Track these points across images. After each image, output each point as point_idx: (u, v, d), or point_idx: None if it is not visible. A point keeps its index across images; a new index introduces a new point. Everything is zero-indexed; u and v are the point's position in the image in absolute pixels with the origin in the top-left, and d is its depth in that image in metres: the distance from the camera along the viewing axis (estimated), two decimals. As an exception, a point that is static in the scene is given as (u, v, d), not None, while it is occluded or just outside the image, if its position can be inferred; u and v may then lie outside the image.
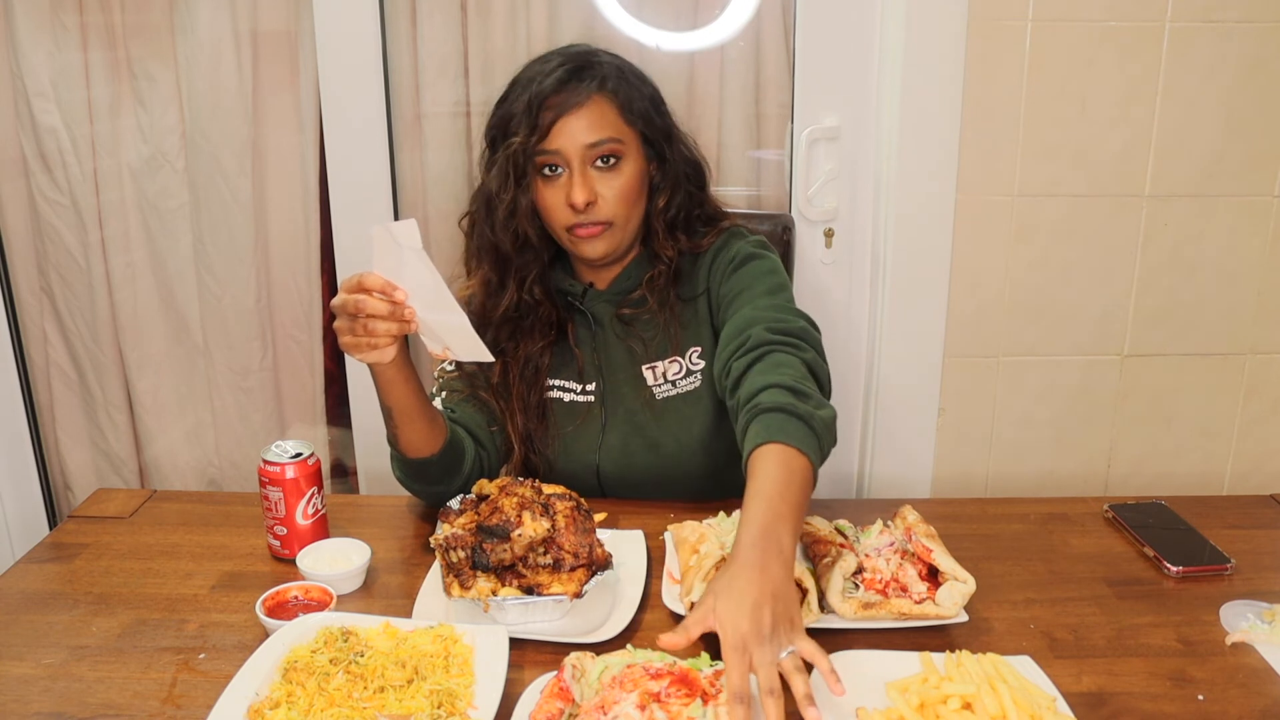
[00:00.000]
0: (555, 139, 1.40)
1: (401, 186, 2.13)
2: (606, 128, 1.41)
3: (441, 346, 1.29)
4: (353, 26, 1.99)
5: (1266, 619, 1.17)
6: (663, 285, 1.50)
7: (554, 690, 1.01)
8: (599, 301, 1.54)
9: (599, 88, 1.42)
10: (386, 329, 1.23)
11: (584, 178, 1.41)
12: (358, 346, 1.25)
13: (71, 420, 2.36)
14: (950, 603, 1.15)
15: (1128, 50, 1.88)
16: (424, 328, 1.26)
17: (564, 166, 1.42)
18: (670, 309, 1.50)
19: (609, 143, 1.41)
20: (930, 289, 2.00)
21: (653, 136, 1.47)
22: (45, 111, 2.13)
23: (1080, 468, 2.12)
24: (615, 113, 1.43)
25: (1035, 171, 1.94)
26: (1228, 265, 2.00)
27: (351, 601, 1.26)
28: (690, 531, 1.28)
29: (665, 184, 1.50)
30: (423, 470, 1.41)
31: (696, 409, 1.50)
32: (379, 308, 1.22)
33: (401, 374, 1.31)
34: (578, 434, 1.53)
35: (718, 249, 1.52)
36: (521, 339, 1.52)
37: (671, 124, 1.51)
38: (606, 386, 1.53)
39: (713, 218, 1.56)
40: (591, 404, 1.53)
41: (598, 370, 1.54)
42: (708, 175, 1.56)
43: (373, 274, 1.21)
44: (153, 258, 2.25)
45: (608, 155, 1.42)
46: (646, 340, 1.51)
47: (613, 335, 1.53)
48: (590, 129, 1.40)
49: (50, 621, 1.22)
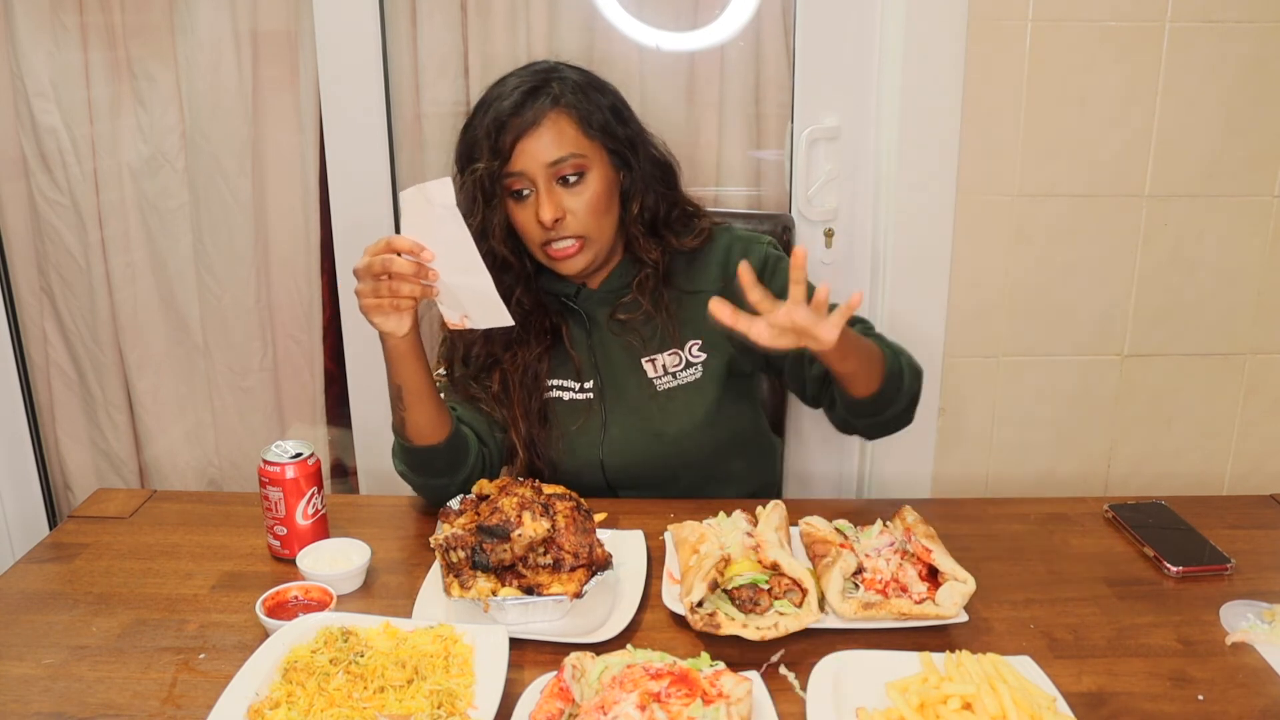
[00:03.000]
0: (518, 161, 1.42)
1: (401, 186, 2.12)
2: (566, 144, 1.42)
3: (459, 315, 1.32)
4: (353, 26, 1.99)
5: (1266, 619, 1.17)
6: (653, 287, 1.52)
7: (554, 690, 1.01)
8: (592, 301, 1.55)
9: (554, 104, 1.42)
10: (411, 290, 1.27)
11: (550, 195, 1.42)
12: (379, 308, 1.29)
13: (71, 420, 2.36)
14: (950, 603, 1.15)
15: (1128, 50, 1.88)
16: (445, 294, 1.29)
17: (530, 188, 1.43)
18: (665, 308, 1.51)
19: (571, 159, 1.42)
20: (930, 289, 2.00)
21: (616, 146, 1.48)
22: (45, 111, 2.13)
23: (1080, 468, 2.12)
24: (574, 128, 1.43)
25: (1035, 171, 1.94)
26: (1228, 265, 2.00)
27: (351, 601, 1.26)
28: (690, 531, 1.28)
29: (635, 190, 1.51)
30: (428, 460, 1.41)
31: (698, 397, 1.51)
32: (406, 267, 1.26)
33: (413, 350, 1.34)
34: (580, 432, 1.53)
35: (728, 249, 1.53)
36: (518, 348, 1.52)
37: (635, 130, 1.52)
38: (605, 382, 1.54)
39: (691, 215, 1.57)
40: (591, 401, 1.54)
41: (595, 368, 1.55)
42: (677, 173, 1.57)
43: (401, 236, 1.26)
44: (153, 258, 2.24)
45: (572, 172, 1.43)
46: (644, 336, 1.52)
47: (609, 333, 1.55)
48: (550, 147, 1.41)
49: (50, 621, 1.22)
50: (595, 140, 1.45)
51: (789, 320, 1.18)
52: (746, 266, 1.20)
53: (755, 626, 1.13)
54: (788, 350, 1.23)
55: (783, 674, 1.10)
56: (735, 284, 1.50)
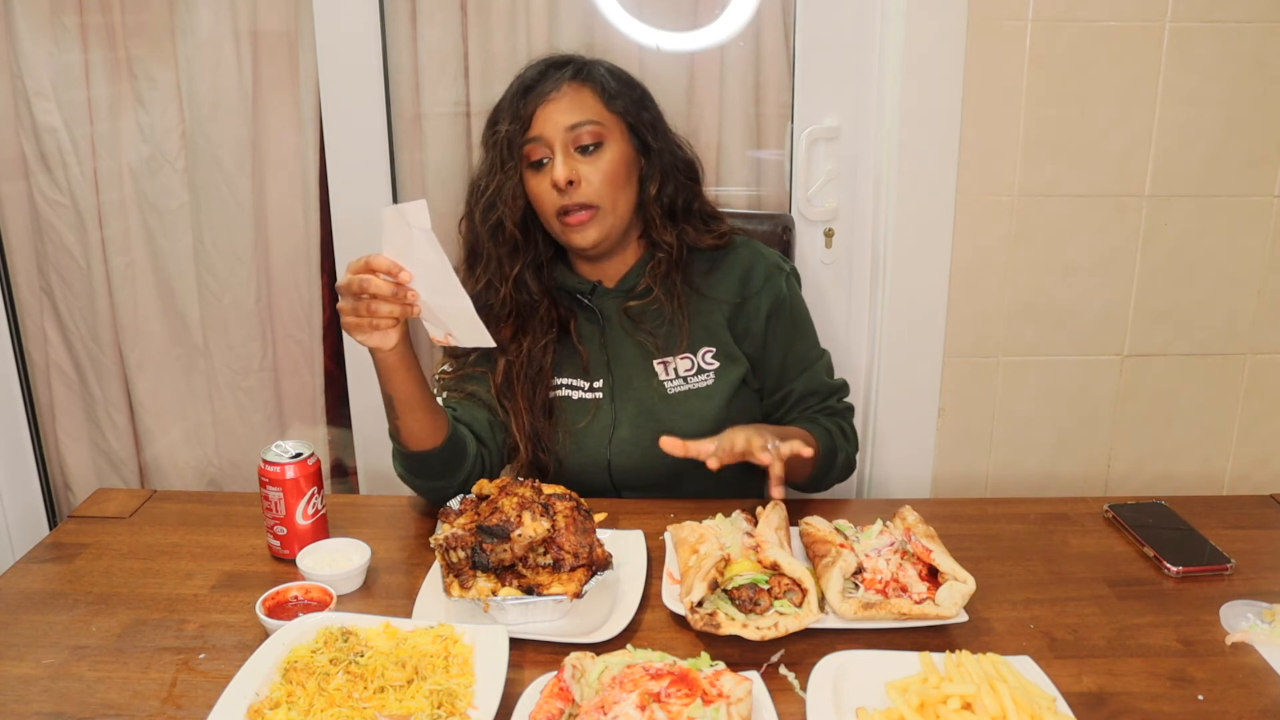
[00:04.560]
0: (537, 125, 1.45)
1: (401, 187, 2.13)
2: (586, 110, 1.46)
3: (444, 332, 1.30)
4: (353, 26, 1.99)
5: (1266, 619, 1.17)
6: (665, 272, 1.52)
7: (554, 690, 1.01)
8: (607, 299, 1.55)
9: (576, 75, 1.47)
10: (389, 311, 1.25)
11: (566, 158, 1.45)
12: (360, 327, 1.28)
13: (71, 420, 2.36)
14: (950, 603, 1.15)
15: (1128, 50, 1.88)
16: (427, 312, 1.27)
17: (549, 156, 1.45)
18: (677, 300, 1.51)
19: (589, 124, 1.45)
20: (930, 289, 2.00)
21: (636, 125, 1.50)
22: (45, 111, 2.13)
23: (1080, 468, 2.12)
24: (595, 98, 1.47)
25: (1035, 171, 1.94)
26: (1228, 265, 2.00)
27: (351, 601, 1.26)
28: (690, 531, 1.28)
29: (654, 173, 1.52)
30: (425, 464, 1.41)
31: (709, 403, 1.51)
32: (383, 288, 1.24)
33: (403, 362, 1.32)
34: (588, 430, 1.53)
35: (750, 265, 1.55)
36: (523, 337, 1.52)
37: (659, 117, 1.55)
38: (616, 382, 1.53)
39: (711, 215, 1.58)
40: (600, 400, 1.54)
41: (606, 366, 1.54)
42: (700, 172, 1.59)
43: (380, 255, 1.24)
44: (153, 258, 2.25)
45: (590, 141, 1.45)
46: (656, 334, 1.52)
47: (621, 331, 1.54)
48: (569, 112, 1.45)
49: (50, 621, 1.22)
50: (615, 114, 1.48)
51: (732, 453, 1.30)
52: (672, 442, 1.29)
53: (755, 626, 1.13)
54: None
55: (783, 674, 1.10)
56: (755, 306, 1.53)
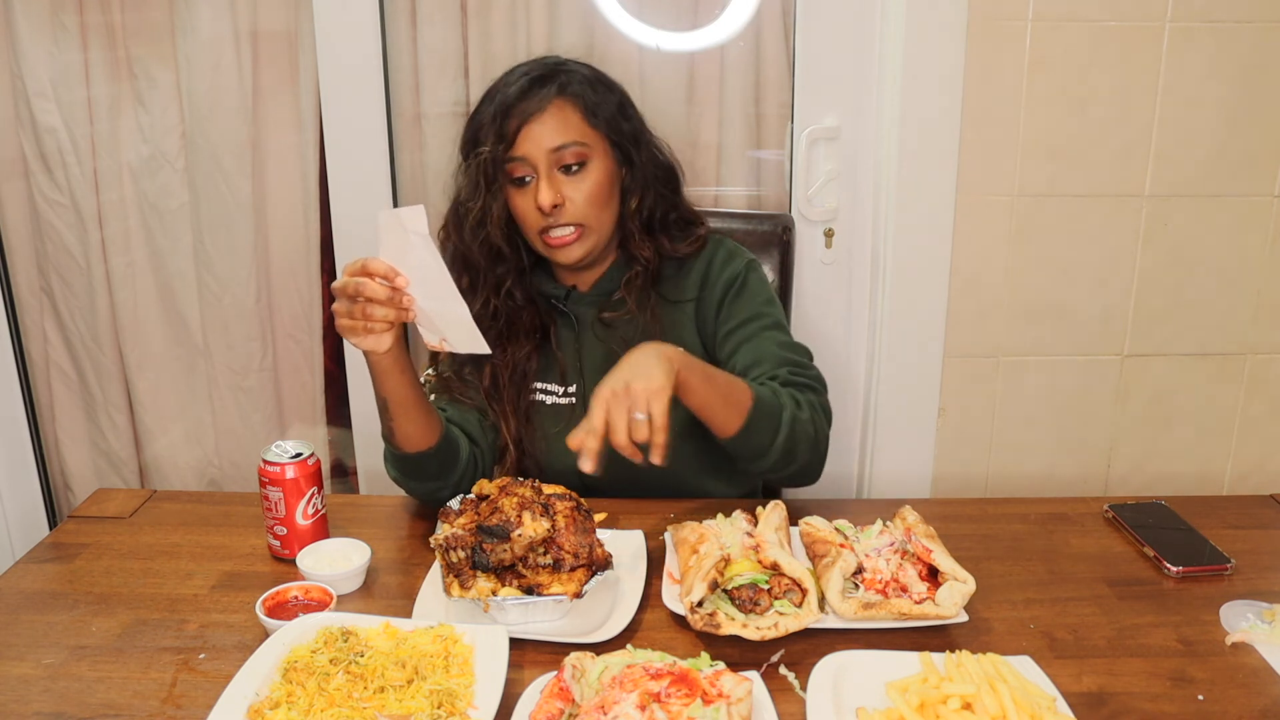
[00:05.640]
0: (521, 145, 1.43)
1: (401, 187, 2.13)
2: (570, 131, 1.44)
3: (438, 338, 1.30)
4: (353, 26, 1.99)
5: (1266, 619, 1.17)
6: (641, 286, 1.51)
7: (554, 690, 1.01)
8: (581, 304, 1.55)
9: (560, 92, 1.44)
10: (384, 315, 1.25)
11: (551, 181, 1.43)
12: (354, 330, 1.27)
13: (71, 420, 2.36)
14: (950, 603, 1.15)
15: (1128, 50, 1.88)
16: (422, 317, 1.27)
17: (533, 174, 1.44)
18: (651, 311, 1.51)
19: (573, 146, 1.44)
20: (930, 289, 2.00)
21: (619, 140, 1.49)
22: (45, 111, 2.13)
23: (1080, 468, 2.12)
24: (579, 116, 1.45)
25: (1035, 171, 1.94)
26: (1228, 265, 2.00)
27: (351, 601, 1.26)
28: (690, 531, 1.28)
29: (635, 186, 1.51)
30: (418, 466, 1.41)
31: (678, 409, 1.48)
32: (378, 292, 1.23)
33: (397, 365, 1.32)
34: (560, 436, 1.51)
35: (710, 259, 1.54)
36: (508, 344, 1.52)
37: (640, 128, 1.53)
38: (588, 388, 1.53)
39: (690, 221, 1.57)
40: (574, 405, 1.54)
41: (579, 372, 1.55)
42: (681, 178, 1.58)
43: (376, 259, 1.23)
44: (153, 258, 2.24)
45: (574, 161, 1.44)
46: (628, 341, 1.51)
47: (594, 337, 1.54)
48: (554, 133, 1.43)
49: (50, 621, 1.22)
50: (599, 131, 1.46)
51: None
52: (573, 442, 1.19)
53: (755, 626, 1.13)
54: None
55: (783, 674, 1.10)
56: (710, 295, 1.51)
